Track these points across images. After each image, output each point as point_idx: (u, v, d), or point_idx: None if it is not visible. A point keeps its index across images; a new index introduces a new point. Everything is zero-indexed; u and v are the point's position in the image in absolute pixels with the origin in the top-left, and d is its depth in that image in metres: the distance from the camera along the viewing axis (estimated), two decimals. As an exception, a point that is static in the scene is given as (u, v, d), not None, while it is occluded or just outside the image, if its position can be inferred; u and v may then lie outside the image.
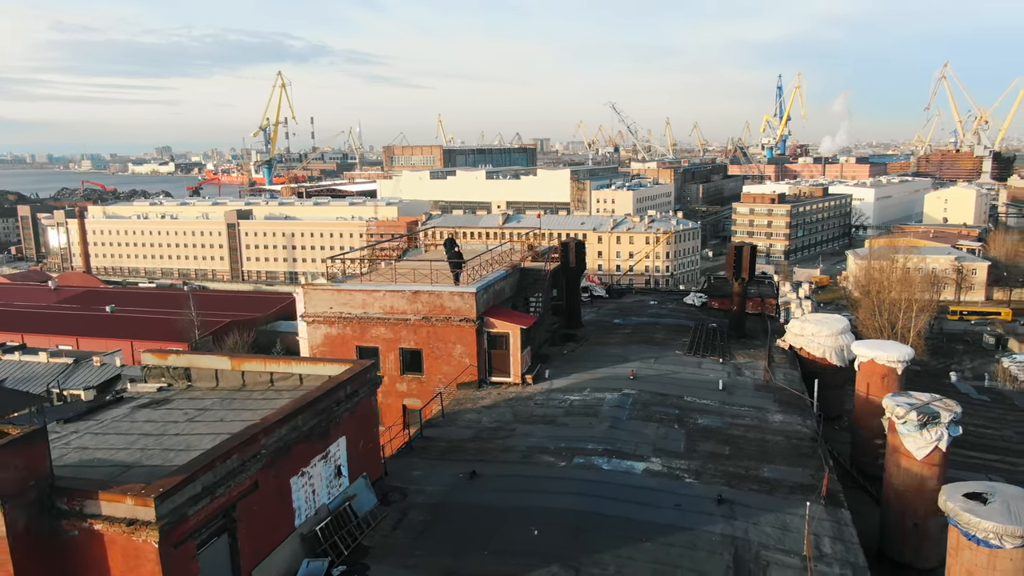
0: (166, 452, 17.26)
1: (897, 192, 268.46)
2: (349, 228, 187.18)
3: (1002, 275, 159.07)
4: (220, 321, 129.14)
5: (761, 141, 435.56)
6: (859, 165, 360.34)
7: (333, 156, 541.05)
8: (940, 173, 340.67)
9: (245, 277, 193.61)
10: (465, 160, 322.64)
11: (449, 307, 30.78)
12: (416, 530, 19.46)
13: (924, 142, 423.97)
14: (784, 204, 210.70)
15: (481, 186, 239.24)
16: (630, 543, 18.41)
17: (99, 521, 13.66)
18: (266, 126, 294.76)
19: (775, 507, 20.74)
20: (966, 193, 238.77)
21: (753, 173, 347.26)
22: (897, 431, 23.60)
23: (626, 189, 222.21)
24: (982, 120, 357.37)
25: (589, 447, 24.05)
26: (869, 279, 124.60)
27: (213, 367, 22.57)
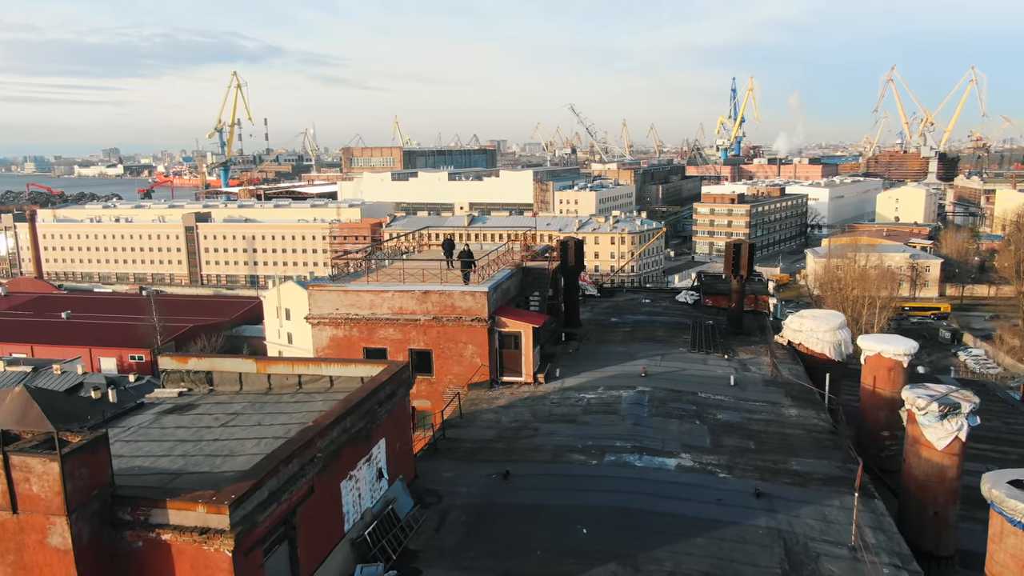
0: (211, 458, 16.66)
1: (849, 192, 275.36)
2: (312, 230, 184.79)
3: (954, 272, 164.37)
4: (183, 326, 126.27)
5: (716, 142, 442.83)
6: (812, 166, 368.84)
7: (288, 158, 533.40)
8: (888, 173, 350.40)
9: (204, 281, 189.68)
10: (425, 162, 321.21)
11: (460, 307, 30.44)
12: (460, 532, 19.14)
13: (872, 143, 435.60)
14: (743, 204, 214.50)
15: (443, 187, 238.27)
16: (680, 538, 18.39)
17: (167, 531, 13.08)
18: (221, 127, 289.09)
19: (811, 499, 20.95)
20: (916, 193, 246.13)
21: (710, 174, 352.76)
22: (918, 422, 24.02)
23: (589, 190, 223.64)
24: (928, 122, 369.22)
25: (617, 444, 24.00)
26: (831, 277, 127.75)
27: (237, 370, 21.89)
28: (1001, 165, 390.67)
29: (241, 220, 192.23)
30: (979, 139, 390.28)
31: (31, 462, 12.31)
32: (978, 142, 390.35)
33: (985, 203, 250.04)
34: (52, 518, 12.46)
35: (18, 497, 12.51)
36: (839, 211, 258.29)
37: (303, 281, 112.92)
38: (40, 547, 12.64)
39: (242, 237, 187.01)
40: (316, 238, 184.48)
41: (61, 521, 12.45)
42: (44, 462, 12.26)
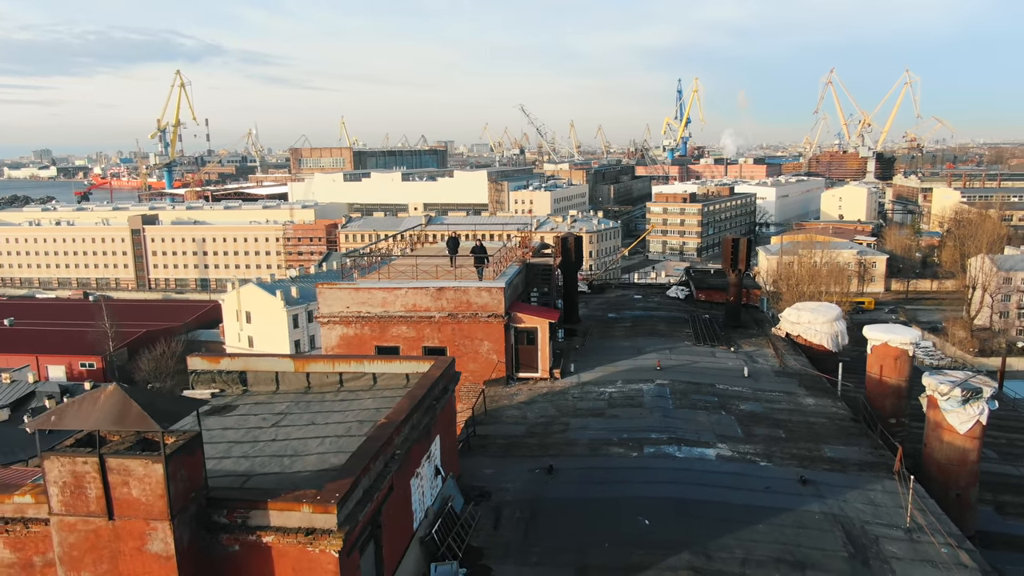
0: (276, 459, 16.04)
1: (794, 191, 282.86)
2: (265, 232, 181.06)
3: (899, 267, 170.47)
4: (134, 332, 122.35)
5: (662, 143, 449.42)
6: (757, 166, 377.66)
7: (231, 159, 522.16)
8: (829, 173, 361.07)
9: (152, 285, 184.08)
10: (376, 162, 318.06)
11: (476, 303, 30.11)
12: (520, 529, 18.88)
13: (812, 144, 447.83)
14: (695, 203, 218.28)
15: (397, 188, 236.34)
16: (741, 526, 18.49)
17: (268, 533, 12.52)
18: (165, 127, 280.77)
19: (853, 484, 21.33)
20: (858, 191, 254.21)
21: (659, 174, 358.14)
22: (940, 407, 24.73)
23: (543, 190, 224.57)
24: (865, 123, 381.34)
25: (652, 436, 24.04)
26: (786, 273, 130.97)
27: (273, 369, 21.17)
28: (933, 165, 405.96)
29: (190, 222, 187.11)
30: (913, 140, 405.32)
31: (131, 464, 11.64)
32: (912, 143, 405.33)
33: (923, 201, 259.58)
34: (153, 523, 11.80)
35: (114, 502, 11.81)
36: (785, 209, 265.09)
37: (264, 283, 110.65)
38: (138, 555, 11.95)
39: (192, 240, 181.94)
40: (269, 240, 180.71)
41: (163, 526, 11.80)
42: (146, 464, 11.60)
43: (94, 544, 12.03)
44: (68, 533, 12.05)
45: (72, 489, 11.85)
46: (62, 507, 11.95)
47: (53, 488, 11.90)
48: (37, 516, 13.07)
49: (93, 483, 11.76)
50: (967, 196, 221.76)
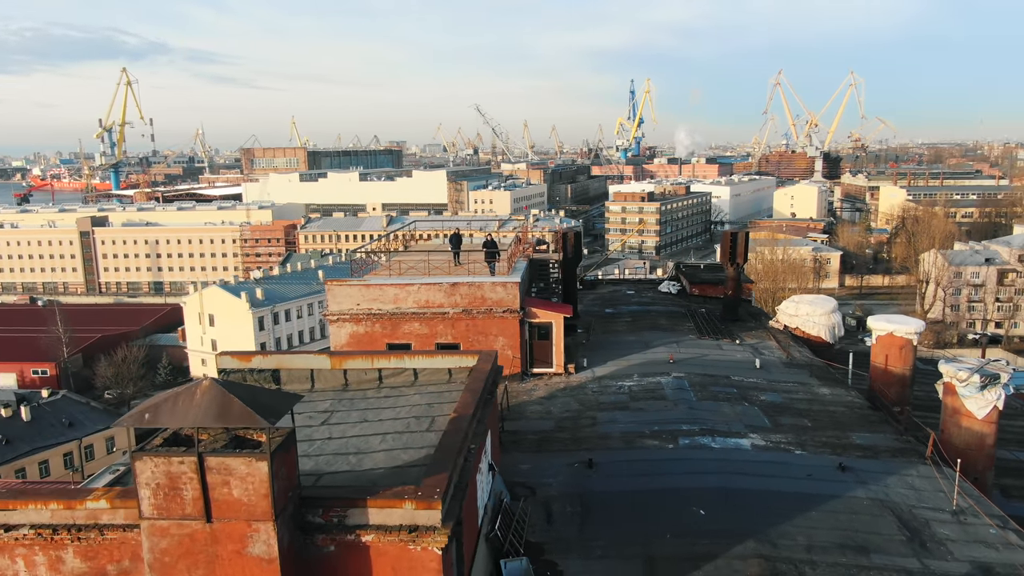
0: (342, 457, 15.50)
1: (747, 190, 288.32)
2: (220, 233, 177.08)
3: (852, 264, 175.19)
4: (89, 337, 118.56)
5: (616, 143, 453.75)
6: (709, 165, 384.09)
7: (179, 160, 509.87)
8: (779, 172, 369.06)
9: (103, 289, 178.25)
10: (330, 162, 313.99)
11: (491, 298, 29.72)
12: (574, 522, 18.62)
13: (761, 144, 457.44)
14: (653, 202, 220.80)
15: (354, 188, 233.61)
16: (795, 513, 18.55)
17: (368, 532, 12.02)
18: (111, 127, 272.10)
19: (890, 470, 21.62)
20: (809, 190, 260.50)
21: (614, 174, 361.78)
22: (958, 393, 25.29)
23: (503, 189, 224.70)
24: (812, 124, 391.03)
25: (684, 428, 24.02)
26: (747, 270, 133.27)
27: (308, 367, 20.51)
28: (877, 164, 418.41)
29: (142, 224, 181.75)
30: (858, 140, 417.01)
31: (233, 463, 11.04)
32: (857, 142, 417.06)
33: (870, 199, 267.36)
34: (255, 524, 11.22)
35: (213, 503, 11.19)
36: (739, 208, 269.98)
37: (228, 285, 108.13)
38: (238, 558, 11.35)
39: (144, 242, 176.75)
40: (226, 241, 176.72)
41: (266, 527, 11.22)
42: (249, 462, 11.02)
43: (189, 549, 11.38)
44: (160, 538, 11.38)
45: (166, 491, 11.20)
46: (154, 510, 11.29)
47: (145, 490, 11.23)
48: (112, 522, 12.35)
49: (190, 484, 11.13)
50: (913, 194, 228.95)
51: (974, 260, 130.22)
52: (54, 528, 12.36)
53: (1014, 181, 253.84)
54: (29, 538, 12.43)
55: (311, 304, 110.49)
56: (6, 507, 12.43)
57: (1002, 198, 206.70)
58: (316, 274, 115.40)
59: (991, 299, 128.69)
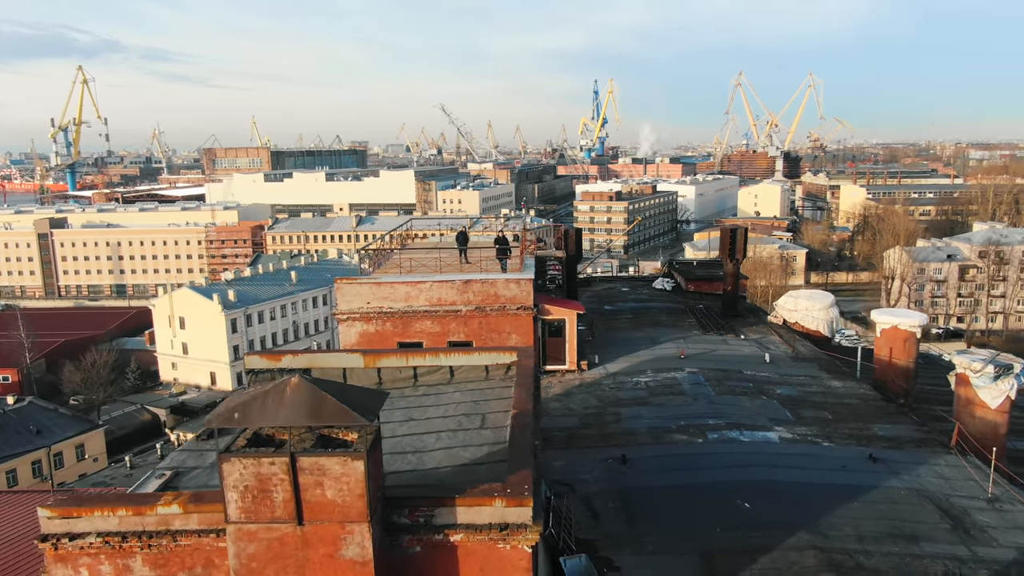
0: (400, 456, 15.12)
1: (711, 189, 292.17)
2: (185, 235, 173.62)
3: (817, 261, 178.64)
4: (53, 342, 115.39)
5: (580, 143, 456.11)
6: (673, 165, 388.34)
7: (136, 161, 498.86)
8: (741, 172, 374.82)
9: (63, 292, 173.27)
10: (294, 162, 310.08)
11: (504, 295, 29.46)
12: (620, 518, 18.48)
13: (722, 144, 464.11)
14: (621, 201, 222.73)
15: (321, 188, 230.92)
16: (838, 504, 18.66)
17: (457, 531, 11.67)
18: (67, 126, 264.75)
19: (918, 460, 21.92)
20: (772, 189, 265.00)
21: (579, 173, 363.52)
22: (972, 384, 25.77)
23: (472, 189, 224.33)
24: (773, 124, 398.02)
25: (710, 423, 24.05)
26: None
27: (341, 366, 19.99)
28: (835, 164, 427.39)
29: (103, 225, 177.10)
30: (816, 140, 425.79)
31: (327, 463, 10.61)
32: (816, 142, 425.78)
33: (831, 198, 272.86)
34: (349, 526, 10.81)
35: (305, 505, 10.76)
36: (704, 207, 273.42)
37: (199, 287, 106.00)
38: (330, 561, 10.93)
39: (106, 244, 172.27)
40: (191, 243, 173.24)
41: (361, 528, 10.82)
42: (345, 462, 10.60)
43: (278, 553, 10.93)
44: (248, 543, 10.91)
45: (255, 494, 10.73)
46: (242, 514, 10.81)
47: (232, 493, 10.74)
48: (185, 528, 11.82)
49: (280, 486, 10.68)
50: (872, 193, 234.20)
51: (937, 256, 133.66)
52: (123, 536, 11.78)
53: (968, 180, 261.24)
54: (95, 547, 11.83)
55: (284, 306, 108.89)
56: (69, 514, 11.82)
57: (958, 196, 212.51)
58: (289, 275, 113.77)
59: (953, 294, 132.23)
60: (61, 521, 11.78)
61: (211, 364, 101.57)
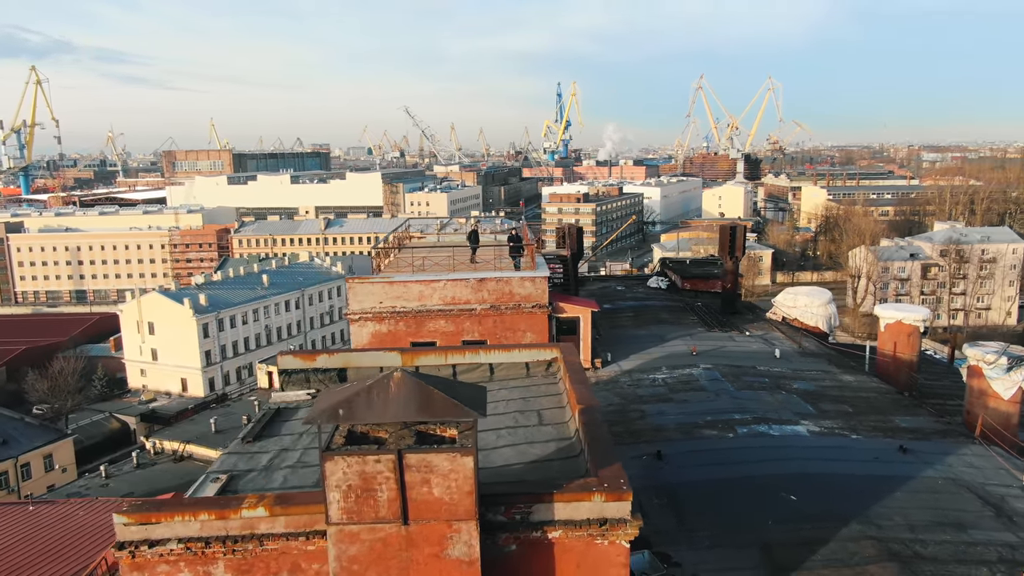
0: (464, 454, 14.77)
1: (675, 191, 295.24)
2: (148, 239, 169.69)
3: (783, 261, 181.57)
4: (13, 349, 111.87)
5: (543, 145, 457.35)
6: (636, 167, 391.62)
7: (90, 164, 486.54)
8: (703, 174, 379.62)
9: (19, 299, 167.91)
10: (257, 165, 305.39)
11: (519, 293, 29.23)
12: (669, 513, 18.36)
13: (684, 146, 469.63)
14: (589, 203, 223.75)
15: (286, 191, 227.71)
16: (882, 495, 18.80)
17: (554, 528, 11.40)
18: (19, 128, 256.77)
19: (946, 450, 22.23)
20: (736, 190, 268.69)
21: (544, 175, 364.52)
22: (985, 375, 26.28)
23: (440, 191, 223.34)
24: (733, 127, 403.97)
25: (736, 417, 24.10)
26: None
27: (378, 365, 19.56)
28: (793, 166, 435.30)
29: (61, 230, 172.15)
30: (776, 142, 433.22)
31: (435, 460, 10.28)
32: (775, 145, 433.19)
33: (792, 199, 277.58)
34: (456, 524, 10.49)
35: (410, 504, 10.40)
36: (669, 208, 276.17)
37: (169, 291, 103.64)
38: (435, 562, 10.59)
39: (64, 249, 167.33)
40: (153, 247, 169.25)
41: (468, 527, 10.51)
42: (453, 458, 10.29)
43: (381, 554, 10.55)
44: (349, 544, 10.51)
45: (358, 493, 10.34)
46: (344, 515, 10.41)
47: (334, 493, 10.34)
48: (271, 531, 11.35)
49: (386, 484, 10.32)
50: (833, 194, 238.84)
51: (900, 255, 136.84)
52: (206, 541, 11.28)
53: (924, 181, 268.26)
54: (176, 553, 11.30)
55: (257, 310, 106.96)
56: (147, 520, 11.27)
57: (915, 197, 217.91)
58: (260, 279, 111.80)
59: (916, 292, 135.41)
60: (139, 527, 11.25)
61: (182, 370, 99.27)
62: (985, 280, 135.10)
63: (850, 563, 15.88)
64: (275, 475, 14.62)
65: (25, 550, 38.89)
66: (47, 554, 38.49)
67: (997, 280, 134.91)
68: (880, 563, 15.76)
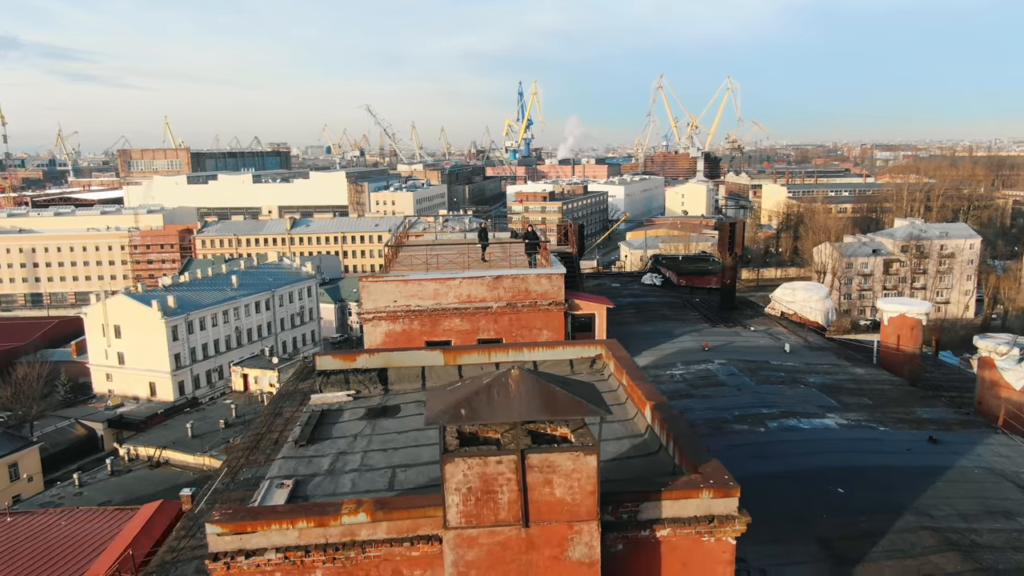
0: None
1: (638, 189, 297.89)
2: (107, 240, 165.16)
3: (747, 258, 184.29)
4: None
5: (505, 144, 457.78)
6: (599, 166, 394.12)
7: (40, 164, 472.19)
8: (663, 172, 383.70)
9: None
10: (216, 164, 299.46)
11: (535, 291, 28.99)
12: (719, 509, 18.27)
13: (644, 145, 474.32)
14: (555, 201, 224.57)
15: (248, 190, 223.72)
16: (925, 486, 18.98)
17: (663, 526, 11.21)
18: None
19: (973, 440, 22.59)
20: (698, 189, 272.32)
21: (507, 174, 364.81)
22: (997, 366, 26.86)
23: (405, 190, 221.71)
24: (693, 126, 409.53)
25: (764, 412, 24.20)
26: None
27: (419, 364, 19.18)
28: (751, 164, 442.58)
29: (14, 231, 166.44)
30: (734, 141, 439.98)
31: (558, 460, 10.00)
32: (734, 143, 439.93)
33: (753, 197, 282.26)
34: (577, 525, 10.23)
35: (531, 506, 10.11)
36: (633, 206, 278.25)
37: (136, 293, 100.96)
38: (555, 564, 10.30)
39: (19, 251, 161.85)
40: (113, 248, 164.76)
41: (590, 527, 10.26)
42: (577, 458, 10.02)
43: (500, 558, 10.23)
44: (468, 549, 10.16)
45: (478, 496, 10.02)
46: (462, 519, 10.07)
47: (454, 496, 9.99)
48: (373, 537, 10.94)
49: (507, 486, 10.01)
50: (792, 192, 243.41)
51: (863, 251, 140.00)
52: (306, 549, 10.81)
53: (879, 179, 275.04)
54: (273, 563, 10.82)
55: (226, 311, 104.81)
56: (243, 529, 10.76)
57: (872, 194, 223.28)
58: (229, 280, 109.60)
59: (879, 287, 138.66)
60: (233, 537, 10.75)
61: (150, 374, 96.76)
62: (944, 275, 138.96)
63: (911, 554, 15.99)
64: (341, 479, 14.14)
65: (9, 563, 37.40)
66: (34, 569, 37.05)
67: (955, 274, 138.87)
68: (942, 553, 15.90)
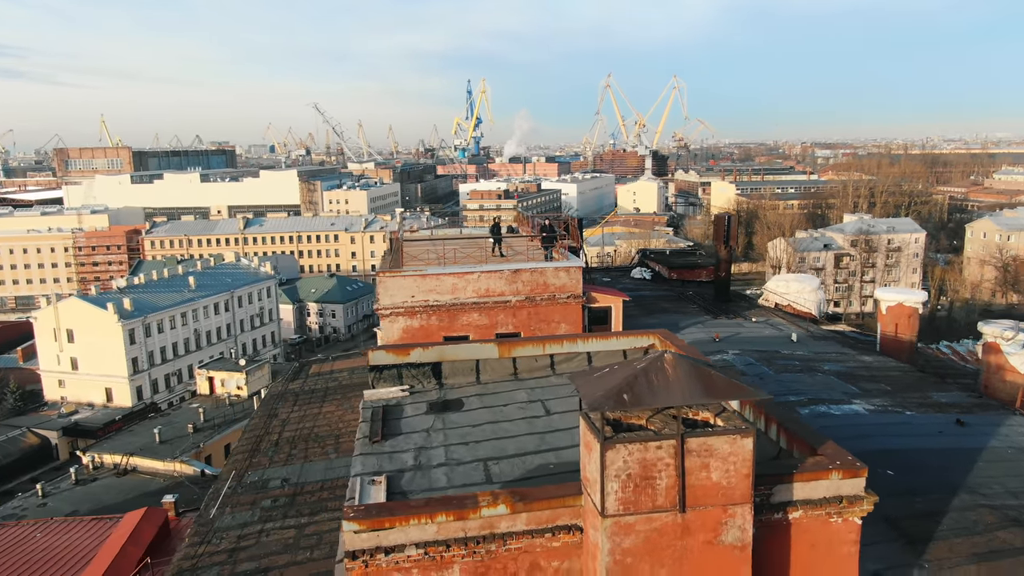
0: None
1: (590, 187, 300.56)
2: (49, 241, 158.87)
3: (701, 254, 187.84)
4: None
5: (454, 143, 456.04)
6: (549, 164, 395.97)
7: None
8: (612, 170, 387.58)
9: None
10: (159, 163, 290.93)
11: (554, 284, 28.89)
12: (778, 495, 18.51)
13: (591, 144, 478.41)
14: (510, 199, 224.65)
15: (196, 190, 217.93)
16: (968, 466, 19.53)
17: (795, 508, 11.26)
18: None
19: (996, 422, 23.36)
20: (649, 186, 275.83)
21: (458, 173, 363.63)
22: (1003, 351, 27.87)
23: (359, 189, 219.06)
24: (641, 124, 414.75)
25: (792, 399, 24.55)
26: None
27: (473, 357, 18.91)
28: (697, 162, 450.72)
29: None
30: (681, 139, 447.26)
31: (716, 443, 9.94)
32: (680, 142, 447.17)
33: (702, 194, 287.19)
34: (732, 509, 10.19)
35: (688, 491, 10.02)
36: (585, 204, 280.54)
37: (89, 296, 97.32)
38: (709, 549, 10.23)
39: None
40: (56, 251, 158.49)
41: (743, 511, 10.23)
42: (734, 440, 9.98)
43: (656, 545, 10.11)
44: (624, 536, 10.01)
45: (637, 482, 9.89)
46: (620, 506, 9.92)
47: (613, 483, 9.84)
48: (512, 529, 10.72)
49: (666, 471, 9.90)
50: (741, 189, 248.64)
51: (815, 246, 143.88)
52: (446, 544, 10.52)
53: (822, 176, 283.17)
54: (412, 560, 10.49)
55: (185, 313, 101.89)
56: (380, 526, 10.40)
57: (818, 191, 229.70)
58: (186, 281, 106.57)
59: (831, 280, 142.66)
60: (370, 535, 10.41)
61: (107, 379, 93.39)
62: (892, 268, 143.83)
63: (976, 531, 16.43)
64: (434, 474, 13.81)
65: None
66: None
67: (902, 267, 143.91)
68: (1006, 529, 16.39)
